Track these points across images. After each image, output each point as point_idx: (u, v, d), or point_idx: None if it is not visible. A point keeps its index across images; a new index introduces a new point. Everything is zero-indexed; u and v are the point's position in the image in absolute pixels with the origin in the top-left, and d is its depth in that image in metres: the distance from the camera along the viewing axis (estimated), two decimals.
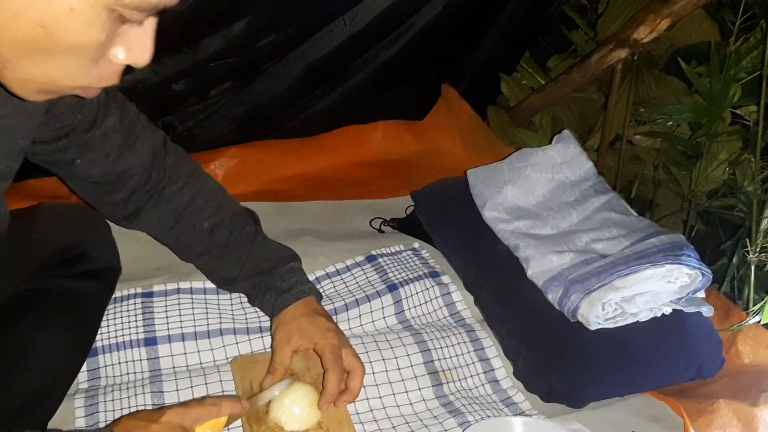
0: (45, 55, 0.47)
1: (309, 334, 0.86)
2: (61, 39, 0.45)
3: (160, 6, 0.47)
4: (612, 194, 1.17)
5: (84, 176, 0.86)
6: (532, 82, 1.79)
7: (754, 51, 1.38)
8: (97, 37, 0.46)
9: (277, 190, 1.40)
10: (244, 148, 1.42)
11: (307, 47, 1.35)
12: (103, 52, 0.49)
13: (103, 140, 0.82)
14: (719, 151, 1.47)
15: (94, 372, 0.91)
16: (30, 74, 0.48)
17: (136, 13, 0.46)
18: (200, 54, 1.24)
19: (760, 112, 1.29)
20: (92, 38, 0.46)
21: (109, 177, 0.86)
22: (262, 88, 1.39)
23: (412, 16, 1.43)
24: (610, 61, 1.54)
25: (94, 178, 0.86)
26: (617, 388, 0.94)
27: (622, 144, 1.62)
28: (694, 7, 1.42)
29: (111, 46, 0.49)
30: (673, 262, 0.96)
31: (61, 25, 0.44)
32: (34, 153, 0.79)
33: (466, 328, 1.03)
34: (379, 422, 0.88)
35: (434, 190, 1.30)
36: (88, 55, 0.48)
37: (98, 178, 0.86)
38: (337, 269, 1.13)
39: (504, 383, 0.97)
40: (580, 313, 0.95)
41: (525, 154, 1.18)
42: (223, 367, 0.92)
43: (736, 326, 1.05)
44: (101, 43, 0.47)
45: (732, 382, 0.98)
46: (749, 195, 1.30)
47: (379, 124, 1.58)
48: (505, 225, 1.12)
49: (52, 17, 0.44)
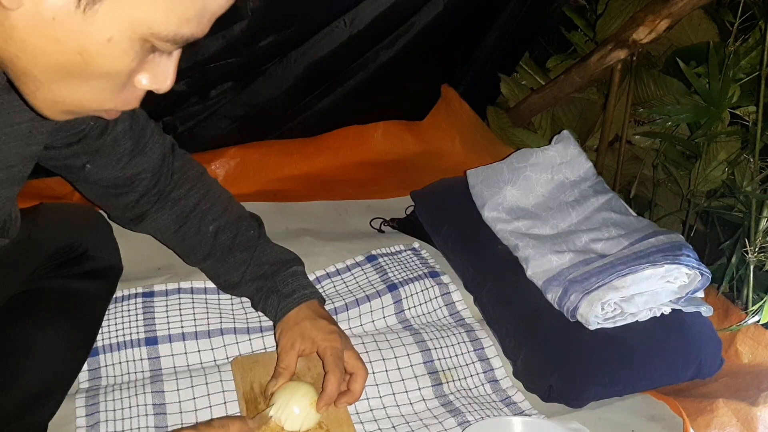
0: (78, 80, 0.48)
1: (312, 337, 0.87)
2: (97, 66, 0.47)
3: (191, 39, 0.49)
4: (611, 194, 1.17)
5: (94, 181, 0.87)
6: (531, 82, 1.80)
7: (753, 51, 1.38)
8: (130, 65, 0.48)
9: (277, 190, 1.40)
10: (244, 149, 1.42)
11: (308, 48, 1.35)
12: (131, 78, 0.51)
13: (114, 146, 0.84)
14: (718, 152, 1.47)
15: (95, 372, 0.91)
16: (61, 96, 0.50)
17: (169, 45, 0.49)
18: (201, 54, 1.24)
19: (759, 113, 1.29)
20: (125, 66, 0.48)
21: (119, 181, 0.88)
22: (262, 89, 1.39)
23: (412, 16, 1.43)
24: (610, 61, 1.54)
25: (104, 183, 0.88)
26: (617, 387, 0.95)
27: (621, 144, 1.62)
28: (693, 7, 1.42)
29: (137, 72, 0.51)
30: (673, 262, 0.96)
31: (98, 53, 0.46)
32: (47, 158, 0.81)
33: (466, 328, 1.03)
34: (379, 422, 0.88)
35: (434, 190, 1.30)
36: (118, 81, 0.50)
37: (108, 182, 0.88)
38: (337, 269, 1.13)
39: (504, 383, 0.97)
40: (580, 313, 0.95)
41: (524, 155, 1.18)
42: (223, 367, 0.92)
43: (735, 326, 1.06)
44: (132, 71, 0.50)
45: (731, 381, 0.98)
46: (748, 195, 1.30)
47: (379, 124, 1.58)
48: (505, 225, 1.12)
49: (92, 45, 0.46)
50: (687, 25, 1.53)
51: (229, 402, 0.87)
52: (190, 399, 0.87)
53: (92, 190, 0.91)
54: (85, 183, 0.89)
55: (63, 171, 0.87)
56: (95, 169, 0.85)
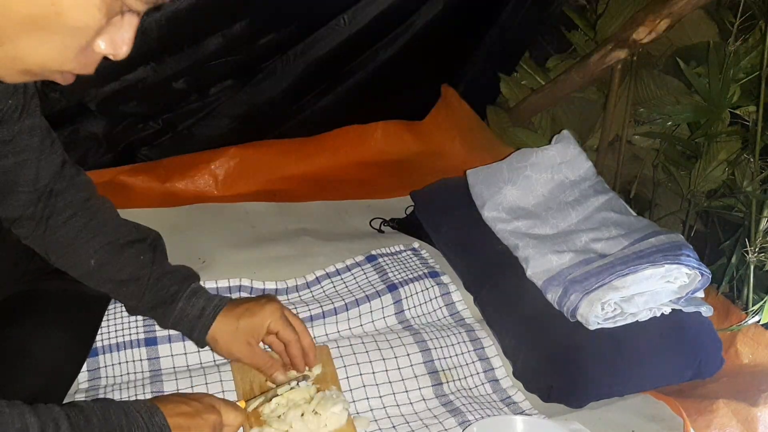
0: (46, 34, 0.48)
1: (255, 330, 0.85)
2: (68, 19, 0.47)
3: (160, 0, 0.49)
4: (611, 194, 1.17)
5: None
6: (531, 82, 1.79)
7: (753, 51, 1.38)
8: (100, 20, 0.48)
9: (277, 190, 1.40)
10: (244, 148, 1.42)
11: (307, 46, 1.35)
12: (95, 38, 0.51)
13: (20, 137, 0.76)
14: (718, 151, 1.47)
15: (95, 372, 0.91)
16: (23, 53, 0.49)
17: (140, 4, 0.48)
18: (201, 52, 1.24)
19: (759, 113, 1.29)
20: (95, 21, 0.48)
21: (2, 186, 0.79)
22: (262, 87, 1.39)
23: (412, 15, 1.43)
24: (610, 61, 1.54)
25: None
26: (617, 387, 0.95)
27: (621, 144, 1.62)
28: (693, 7, 1.42)
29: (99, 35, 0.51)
30: (673, 262, 0.96)
31: (71, 5, 0.46)
32: None
33: (466, 328, 1.03)
34: (379, 422, 0.88)
35: (434, 190, 1.30)
36: (84, 39, 0.50)
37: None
38: (337, 269, 1.13)
39: (504, 383, 0.97)
40: (580, 313, 0.95)
41: (524, 154, 1.18)
42: (223, 367, 0.92)
43: (736, 326, 1.06)
44: (100, 28, 0.49)
45: (731, 381, 0.98)
46: (748, 195, 1.30)
47: (379, 124, 1.58)
48: (505, 225, 1.12)
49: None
50: (687, 25, 1.53)
51: None
52: None
53: None
54: None
55: None
56: None
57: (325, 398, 0.84)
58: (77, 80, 0.55)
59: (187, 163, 1.38)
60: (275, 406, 0.83)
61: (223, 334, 0.85)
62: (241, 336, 0.85)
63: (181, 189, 1.36)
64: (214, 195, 1.37)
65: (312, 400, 0.84)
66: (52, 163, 0.81)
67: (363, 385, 0.91)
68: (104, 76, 1.21)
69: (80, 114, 1.26)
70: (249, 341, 0.85)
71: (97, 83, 1.21)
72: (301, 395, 0.84)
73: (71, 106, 1.23)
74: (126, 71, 1.21)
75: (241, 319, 0.85)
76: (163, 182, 1.36)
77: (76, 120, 1.28)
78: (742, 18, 1.35)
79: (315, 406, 0.82)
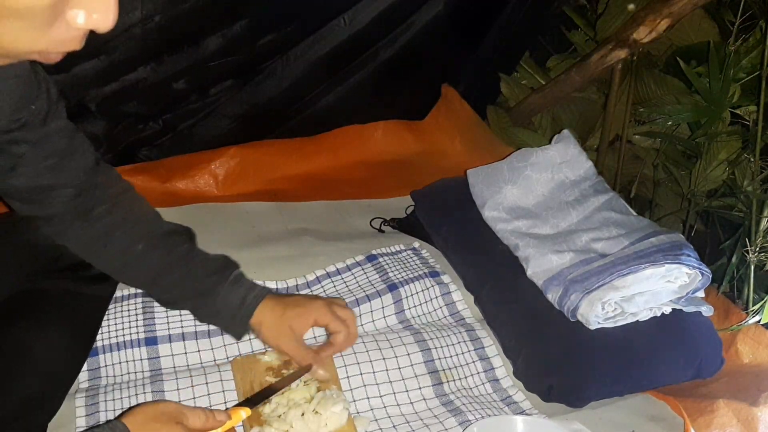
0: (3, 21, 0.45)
1: (301, 319, 0.87)
2: (8, 2, 0.44)
3: None
4: (611, 194, 1.17)
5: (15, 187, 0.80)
6: (531, 82, 1.79)
7: (754, 51, 1.38)
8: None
9: (277, 190, 1.40)
10: (244, 148, 1.42)
11: (307, 46, 1.36)
12: (56, 14, 0.47)
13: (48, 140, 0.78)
14: (719, 151, 1.47)
15: (95, 372, 0.91)
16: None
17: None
18: (201, 52, 1.24)
19: (759, 112, 1.29)
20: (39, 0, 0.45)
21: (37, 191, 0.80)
22: (262, 87, 1.39)
23: (412, 15, 1.43)
24: (610, 61, 1.54)
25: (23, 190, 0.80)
26: (617, 387, 0.95)
27: (621, 144, 1.62)
28: (693, 7, 1.42)
29: (68, 8, 0.47)
30: (673, 262, 0.96)
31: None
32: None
33: (466, 328, 1.03)
34: (380, 421, 0.88)
35: (434, 190, 1.30)
36: (38, 19, 0.46)
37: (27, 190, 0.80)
38: (337, 269, 1.13)
39: (504, 382, 0.97)
40: (580, 313, 0.95)
41: (525, 154, 1.18)
42: (223, 367, 0.92)
43: (736, 326, 1.06)
44: (51, 5, 0.46)
45: (731, 381, 0.98)
46: (749, 195, 1.30)
47: (379, 124, 1.58)
48: (505, 224, 1.12)
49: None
50: (687, 25, 1.53)
51: (229, 402, 0.87)
52: (190, 399, 0.87)
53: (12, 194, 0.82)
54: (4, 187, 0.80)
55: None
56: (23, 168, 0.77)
57: (325, 398, 0.84)
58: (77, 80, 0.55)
59: (188, 163, 1.38)
60: (275, 405, 0.83)
61: (269, 320, 0.86)
62: (286, 324, 0.86)
63: (181, 189, 1.36)
64: (215, 195, 1.37)
65: (312, 399, 0.84)
66: (85, 161, 0.83)
67: (363, 384, 0.91)
68: (104, 76, 1.21)
69: (80, 114, 1.26)
70: (294, 329, 0.86)
71: (97, 83, 1.21)
72: (302, 395, 0.84)
73: (71, 106, 1.23)
74: (126, 71, 1.21)
75: (288, 308, 0.86)
76: (163, 182, 1.36)
77: (76, 120, 1.25)
78: (742, 18, 1.35)
79: (315, 406, 0.82)
